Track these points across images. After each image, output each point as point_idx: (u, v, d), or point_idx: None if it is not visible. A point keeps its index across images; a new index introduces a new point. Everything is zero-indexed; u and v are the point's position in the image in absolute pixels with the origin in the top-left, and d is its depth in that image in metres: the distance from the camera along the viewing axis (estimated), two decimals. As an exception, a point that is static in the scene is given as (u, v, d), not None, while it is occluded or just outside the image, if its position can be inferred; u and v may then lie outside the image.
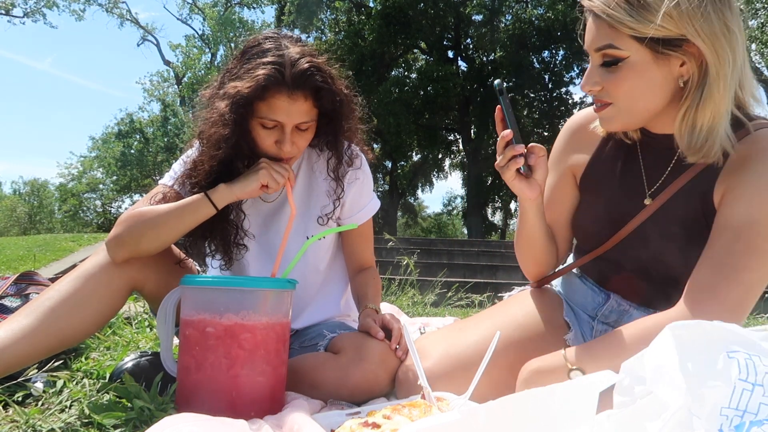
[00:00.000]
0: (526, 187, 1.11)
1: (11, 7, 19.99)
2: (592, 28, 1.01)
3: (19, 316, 1.14)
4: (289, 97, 1.19)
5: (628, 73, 0.99)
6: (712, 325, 0.67)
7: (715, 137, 0.99)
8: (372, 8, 17.56)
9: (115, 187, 22.36)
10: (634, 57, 0.98)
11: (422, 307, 3.60)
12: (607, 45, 0.99)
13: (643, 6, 0.94)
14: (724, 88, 0.96)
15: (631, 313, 1.21)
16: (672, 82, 1.00)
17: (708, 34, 0.94)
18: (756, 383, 0.61)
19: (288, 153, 1.25)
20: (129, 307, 2.21)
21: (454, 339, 1.22)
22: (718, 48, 0.94)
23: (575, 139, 1.26)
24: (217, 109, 1.22)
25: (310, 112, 1.24)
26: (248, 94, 1.17)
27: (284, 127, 1.23)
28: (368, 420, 0.83)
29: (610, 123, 1.07)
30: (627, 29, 0.96)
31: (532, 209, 1.17)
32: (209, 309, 1.03)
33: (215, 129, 1.21)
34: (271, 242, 1.43)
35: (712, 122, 0.98)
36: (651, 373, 0.65)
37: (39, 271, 1.72)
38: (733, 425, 0.60)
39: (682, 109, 1.00)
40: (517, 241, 1.27)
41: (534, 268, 1.29)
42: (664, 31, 0.94)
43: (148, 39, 24.20)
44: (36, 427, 0.97)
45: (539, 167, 1.10)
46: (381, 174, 19.12)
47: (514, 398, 0.67)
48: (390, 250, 5.95)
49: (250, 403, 1.02)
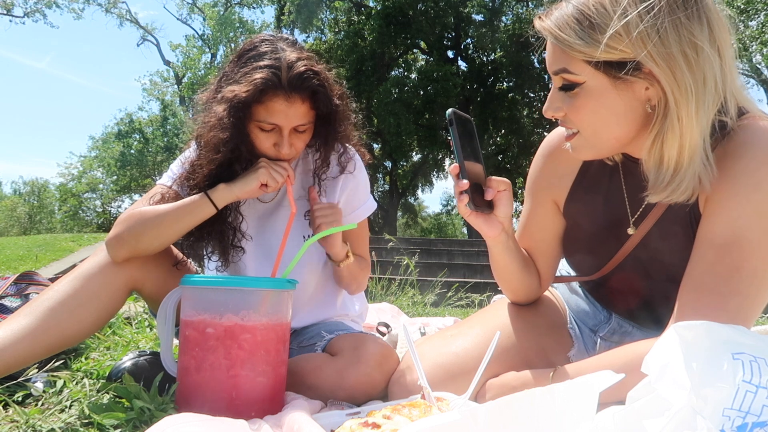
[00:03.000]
0: (483, 225, 1.03)
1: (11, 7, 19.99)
2: (549, 50, 0.94)
3: (18, 316, 1.14)
4: (286, 100, 1.20)
5: (586, 99, 0.91)
6: (717, 326, 0.67)
7: (683, 175, 0.88)
8: (372, 8, 17.57)
9: (115, 187, 22.34)
10: (591, 82, 0.89)
11: (422, 307, 3.60)
12: (561, 69, 0.91)
13: (592, 26, 0.85)
14: (687, 116, 0.85)
15: (633, 333, 1.18)
16: (638, 108, 0.90)
17: (663, 58, 0.83)
18: (760, 386, 0.61)
19: (286, 155, 1.27)
20: (129, 307, 2.21)
21: (445, 347, 1.19)
22: (676, 72, 0.83)
23: (554, 164, 1.16)
24: (215, 113, 1.22)
25: (307, 114, 1.25)
26: (246, 98, 1.17)
27: (282, 130, 1.24)
28: (368, 420, 0.83)
29: (579, 152, 0.99)
30: (577, 53, 0.88)
31: (497, 247, 1.09)
32: (209, 309, 1.03)
33: (213, 133, 1.22)
34: (268, 243, 1.43)
35: (679, 156, 0.87)
36: (655, 371, 0.65)
37: (39, 271, 1.72)
38: (735, 426, 0.60)
39: (650, 137, 0.89)
40: (492, 270, 1.20)
41: (511, 295, 1.24)
42: (616, 54, 0.85)
43: (148, 39, 24.21)
44: (36, 427, 0.97)
45: (499, 204, 1.02)
46: (381, 174, 19.12)
47: (514, 398, 0.67)
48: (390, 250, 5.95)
49: (250, 403, 1.02)
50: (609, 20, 0.84)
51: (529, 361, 1.13)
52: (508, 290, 1.22)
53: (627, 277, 1.11)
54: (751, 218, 0.87)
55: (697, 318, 0.81)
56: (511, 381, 1.06)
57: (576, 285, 1.29)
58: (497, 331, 1.11)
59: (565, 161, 1.13)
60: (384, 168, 18.84)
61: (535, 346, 1.17)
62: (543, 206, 1.18)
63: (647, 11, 0.83)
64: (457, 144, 0.97)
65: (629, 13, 0.83)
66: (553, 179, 1.16)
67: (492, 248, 1.11)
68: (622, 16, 0.84)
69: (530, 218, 1.20)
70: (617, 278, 1.13)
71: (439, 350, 1.18)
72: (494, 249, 1.10)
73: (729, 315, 0.85)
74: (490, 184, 1.02)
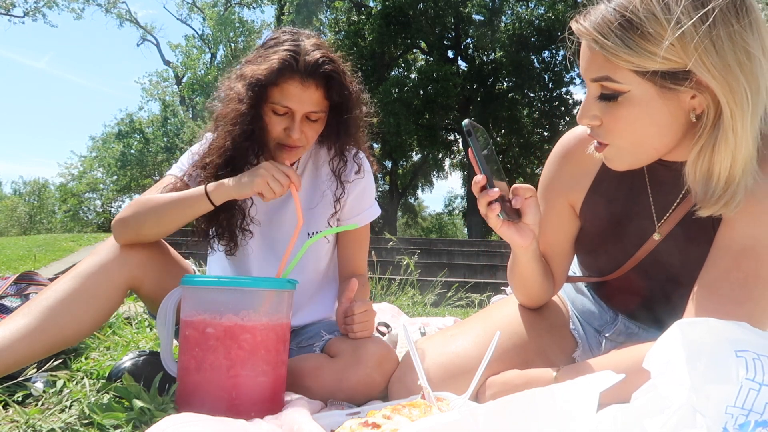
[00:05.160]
0: (515, 234, 1.00)
1: (11, 7, 19.99)
2: (587, 55, 0.88)
3: (17, 316, 1.14)
4: (301, 84, 1.24)
5: (629, 109, 0.86)
6: (721, 323, 0.67)
7: (737, 188, 0.84)
8: (372, 8, 17.57)
9: (115, 187, 22.33)
10: (636, 91, 0.84)
11: (422, 307, 3.60)
12: (603, 77, 0.86)
13: (643, 36, 0.80)
14: (742, 128, 0.80)
15: (639, 335, 1.17)
16: (682, 117, 0.86)
17: (720, 68, 0.79)
18: (763, 383, 0.61)
19: (296, 141, 1.28)
20: (129, 306, 2.21)
21: (445, 347, 1.18)
22: (732, 82, 0.79)
23: (570, 167, 1.12)
24: (234, 89, 1.28)
25: (320, 102, 1.28)
26: (263, 76, 1.22)
27: (294, 115, 1.26)
28: (368, 420, 0.82)
29: (614, 163, 0.94)
30: (624, 62, 0.82)
31: (526, 255, 1.06)
32: (209, 309, 1.03)
33: (232, 106, 1.27)
34: (274, 235, 1.45)
35: (732, 169, 0.83)
36: (657, 369, 0.65)
37: (39, 271, 1.72)
38: (737, 424, 0.60)
39: (696, 148, 0.84)
40: (510, 275, 1.18)
41: (527, 301, 1.22)
42: (667, 64, 0.81)
43: (148, 39, 24.21)
44: (36, 427, 0.97)
45: (528, 211, 0.98)
46: (381, 174, 19.12)
47: (514, 398, 0.67)
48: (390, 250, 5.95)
49: (250, 403, 1.02)
50: (661, 29, 0.79)
51: (530, 362, 1.13)
52: (525, 295, 1.20)
53: (641, 279, 1.10)
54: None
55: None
56: (514, 379, 1.06)
57: (582, 285, 1.28)
58: (497, 331, 1.11)
59: (583, 163, 1.10)
60: (384, 168, 18.83)
61: (535, 347, 1.17)
62: (558, 209, 1.16)
63: (702, 20, 0.78)
64: (479, 154, 0.94)
65: (684, 22, 0.78)
66: (570, 182, 1.13)
67: (520, 257, 1.07)
68: (676, 26, 0.79)
69: (545, 221, 1.15)
70: (630, 279, 1.11)
71: (439, 350, 1.18)
72: (523, 258, 1.07)
73: (739, 320, 0.85)
74: (517, 192, 0.99)
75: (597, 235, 1.13)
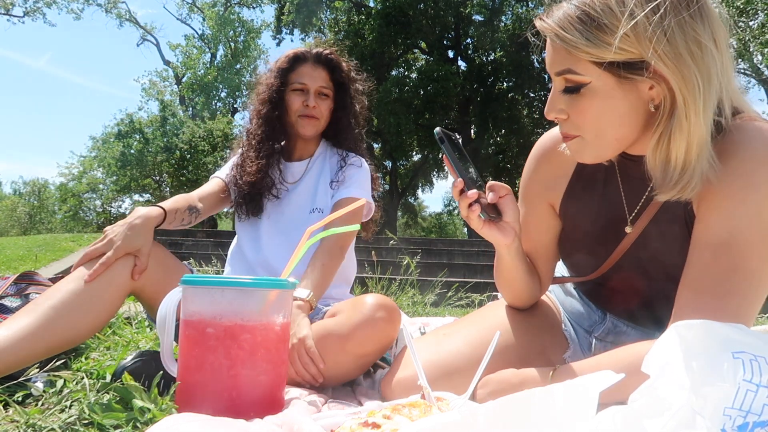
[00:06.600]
0: (497, 233, 1.03)
1: (11, 6, 19.99)
2: (551, 50, 0.93)
3: (19, 317, 1.14)
4: (312, 67, 1.70)
5: (591, 100, 0.90)
6: (717, 325, 0.67)
7: (693, 172, 0.88)
8: (372, 8, 17.58)
9: (115, 187, 22.30)
10: (596, 83, 0.88)
11: (422, 307, 3.61)
12: (566, 70, 0.90)
13: (599, 27, 0.85)
14: (695, 114, 0.85)
15: (628, 333, 1.18)
16: (641, 108, 0.90)
17: (671, 57, 0.83)
18: (761, 385, 0.61)
19: (312, 111, 1.66)
20: (129, 307, 2.21)
21: (437, 345, 1.19)
22: (684, 71, 0.83)
23: (548, 167, 1.15)
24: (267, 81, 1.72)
25: (327, 81, 1.71)
26: (284, 66, 1.70)
27: (309, 90, 1.68)
28: (368, 420, 0.83)
29: (580, 155, 0.98)
30: (583, 54, 0.87)
31: (510, 254, 1.08)
32: (209, 309, 1.03)
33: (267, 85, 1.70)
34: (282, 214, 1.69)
35: (687, 154, 0.87)
36: (656, 371, 0.65)
37: (39, 271, 1.72)
38: (736, 425, 0.60)
39: (655, 136, 0.89)
40: (496, 276, 1.20)
41: (514, 301, 1.23)
42: (623, 54, 0.85)
43: (148, 39, 24.22)
44: (36, 427, 0.97)
45: (506, 209, 1.02)
46: (381, 174, 19.13)
47: (514, 398, 0.67)
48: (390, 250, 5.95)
49: (251, 403, 1.02)
50: (616, 20, 0.84)
51: (527, 360, 1.13)
52: (512, 296, 1.21)
53: (624, 277, 1.11)
54: (746, 218, 0.87)
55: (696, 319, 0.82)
56: (510, 378, 1.06)
57: (570, 286, 1.29)
58: (497, 331, 1.10)
59: (560, 163, 1.13)
60: (384, 168, 18.85)
61: (533, 346, 1.17)
62: (539, 209, 1.18)
63: (653, 11, 0.83)
64: (453, 159, 0.99)
65: (636, 14, 0.83)
66: (548, 182, 1.16)
67: (504, 256, 1.09)
68: (630, 17, 0.83)
69: (527, 222, 1.19)
70: (614, 278, 1.13)
71: (432, 349, 1.18)
72: (507, 256, 1.09)
73: (728, 315, 0.85)
74: (493, 189, 1.01)
75: (578, 234, 1.15)
